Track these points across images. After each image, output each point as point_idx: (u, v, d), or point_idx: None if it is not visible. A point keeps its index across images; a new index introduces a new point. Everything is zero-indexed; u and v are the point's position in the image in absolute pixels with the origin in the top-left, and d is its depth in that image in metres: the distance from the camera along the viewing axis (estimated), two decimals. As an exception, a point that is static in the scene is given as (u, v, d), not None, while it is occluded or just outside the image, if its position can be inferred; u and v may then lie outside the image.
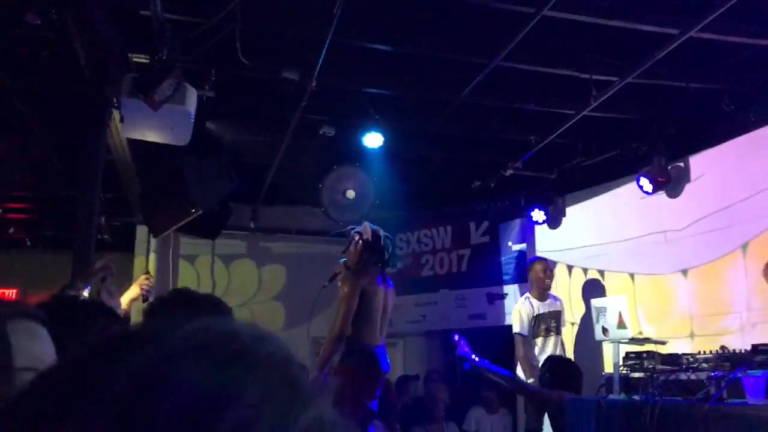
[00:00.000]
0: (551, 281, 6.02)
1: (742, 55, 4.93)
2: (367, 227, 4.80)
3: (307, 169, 7.00)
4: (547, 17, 4.30)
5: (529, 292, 6.02)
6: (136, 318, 4.34)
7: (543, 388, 4.78)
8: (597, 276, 6.73)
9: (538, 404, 4.94)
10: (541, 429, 4.98)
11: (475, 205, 7.86)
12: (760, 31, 4.59)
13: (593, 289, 6.58)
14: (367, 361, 4.16)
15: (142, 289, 3.67)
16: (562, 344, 5.96)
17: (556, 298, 6.14)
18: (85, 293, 3.23)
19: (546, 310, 5.92)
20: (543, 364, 5.33)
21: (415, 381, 7.84)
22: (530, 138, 6.29)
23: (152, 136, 4.60)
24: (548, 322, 5.88)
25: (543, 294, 5.97)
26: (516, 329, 5.78)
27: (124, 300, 3.58)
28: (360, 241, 4.73)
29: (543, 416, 4.76)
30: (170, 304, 2.08)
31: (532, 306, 5.81)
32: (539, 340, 5.78)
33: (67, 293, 2.97)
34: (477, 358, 4.95)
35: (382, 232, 4.82)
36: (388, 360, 4.84)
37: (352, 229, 4.84)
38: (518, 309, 5.85)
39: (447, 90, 5.61)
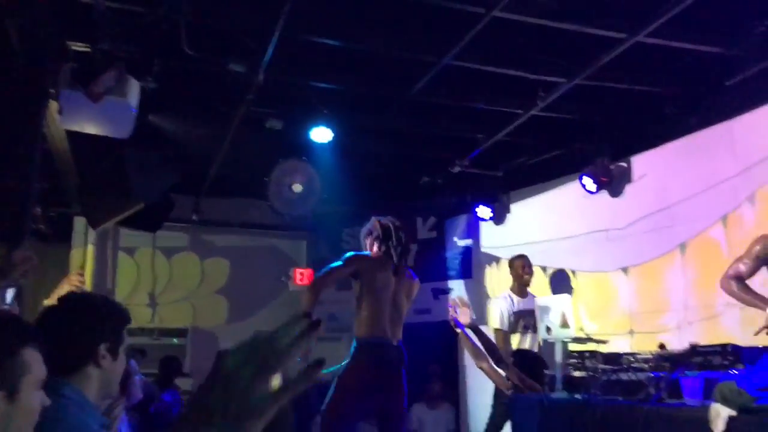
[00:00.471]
0: (530, 278, 5.92)
1: (685, 60, 5.04)
2: (373, 220, 4.69)
3: (253, 162, 6.89)
4: (497, 18, 4.32)
5: (510, 289, 6.00)
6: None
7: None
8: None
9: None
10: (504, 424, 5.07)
11: (422, 200, 7.87)
12: (702, 38, 4.71)
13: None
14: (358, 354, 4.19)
15: (74, 287, 3.51)
16: (539, 342, 5.88)
17: (533, 296, 5.93)
18: (9, 294, 3.09)
19: (525, 307, 5.79)
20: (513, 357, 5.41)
21: None
22: (478, 136, 6.33)
23: (92, 129, 4.43)
24: (527, 320, 5.77)
25: (523, 291, 5.90)
26: (496, 324, 5.69)
27: (54, 299, 3.43)
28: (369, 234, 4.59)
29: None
30: (64, 310, 1.98)
31: (512, 302, 5.73)
32: (516, 337, 5.73)
33: None
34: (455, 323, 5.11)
35: (392, 222, 4.63)
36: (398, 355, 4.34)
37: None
38: (498, 305, 5.79)
39: (397, 86, 5.59)
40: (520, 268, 5.94)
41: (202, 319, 8.16)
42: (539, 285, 6.39)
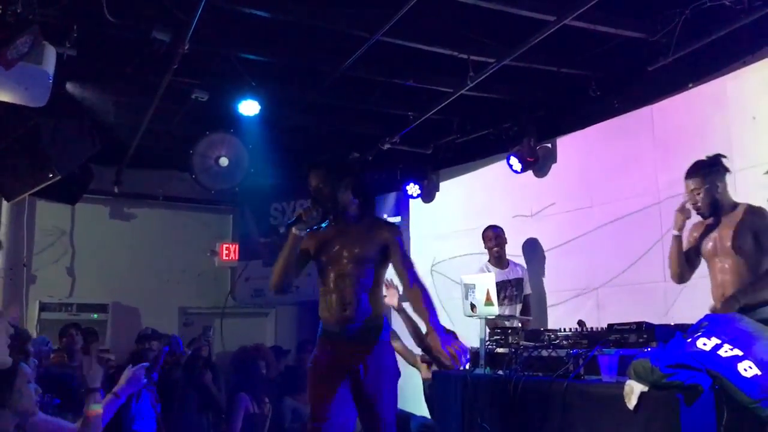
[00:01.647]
0: (500, 248, 5.94)
1: (610, 44, 5.15)
2: None
3: (178, 133, 6.70)
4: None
5: (487, 261, 5.99)
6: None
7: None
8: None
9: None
10: None
11: (351, 177, 7.84)
12: (626, 23, 4.82)
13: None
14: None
15: None
16: (523, 312, 5.82)
17: (516, 265, 6.03)
18: None
19: (505, 278, 5.83)
20: None
21: (285, 355, 7.82)
22: (408, 114, 6.33)
23: (4, 96, 4.19)
24: (507, 290, 5.81)
25: (500, 261, 5.92)
26: None
27: None
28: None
29: None
30: None
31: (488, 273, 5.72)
32: None
33: None
34: None
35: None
36: None
37: None
38: None
39: (327, 61, 5.52)
40: (487, 239, 6.00)
41: (123, 294, 7.93)
42: (467, 263, 6.48)
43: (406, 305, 5.58)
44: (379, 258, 3.50)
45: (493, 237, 5.99)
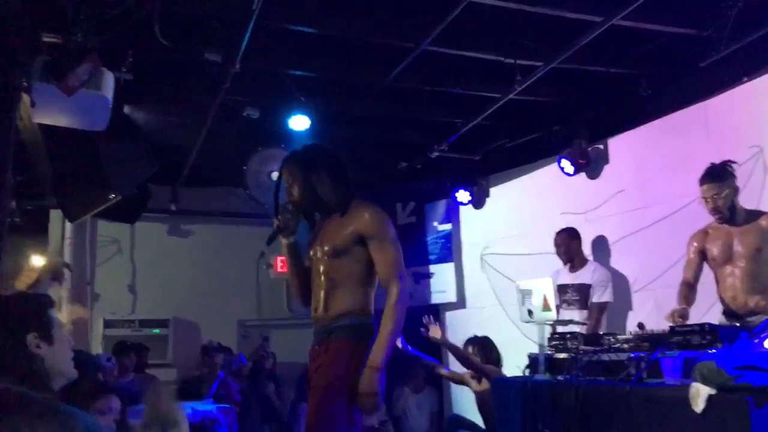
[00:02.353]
0: (563, 252, 5.77)
1: (659, 41, 5.08)
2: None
3: (231, 150, 6.84)
4: (474, 2, 4.32)
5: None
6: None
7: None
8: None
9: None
10: None
11: (401, 186, 7.87)
12: (676, 20, 4.75)
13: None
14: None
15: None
16: (587, 318, 5.49)
17: (593, 271, 5.69)
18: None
19: (569, 281, 5.66)
20: (469, 343, 5.51)
21: None
22: (456, 120, 6.34)
23: (66, 122, 4.37)
24: (566, 294, 5.64)
25: (573, 265, 5.75)
26: None
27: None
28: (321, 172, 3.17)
29: None
30: None
31: (557, 277, 5.58)
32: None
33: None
34: (410, 348, 5.41)
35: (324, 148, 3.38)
36: None
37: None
38: None
39: (373, 73, 5.57)
40: (554, 245, 5.86)
41: (183, 309, 8.11)
42: (520, 269, 6.44)
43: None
44: (353, 249, 3.02)
45: (557, 241, 5.87)
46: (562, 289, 5.58)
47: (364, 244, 3.02)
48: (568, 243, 5.80)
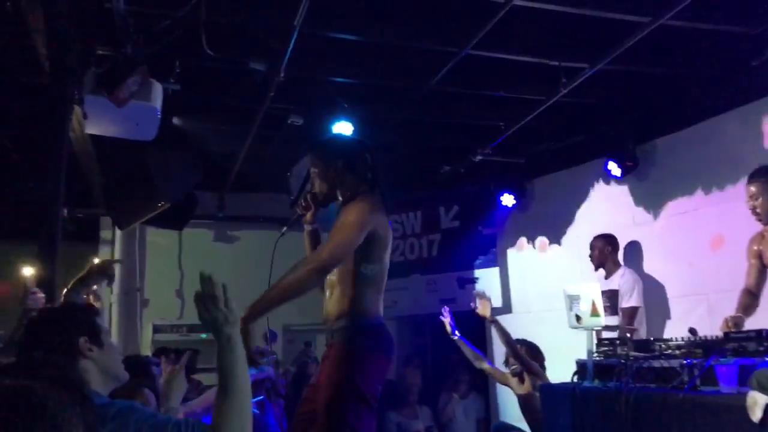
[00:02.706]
0: (596, 258, 5.82)
1: (708, 40, 4.96)
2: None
3: (275, 157, 6.92)
4: (517, 6, 4.29)
5: None
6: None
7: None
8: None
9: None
10: None
11: (444, 190, 7.85)
12: (725, 18, 4.63)
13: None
14: (384, 343, 3.05)
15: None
16: (614, 327, 5.42)
17: (623, 276, 5.69)
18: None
19: (603, 288, 5.40)
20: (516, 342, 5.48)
21: None
22: (499, 124, 6.29)
23: (116, 132, 4.48)
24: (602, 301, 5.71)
25: (606, 272, 5.78)
26: None
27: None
28: (339, 163, 3.13)
29: None
30: (37, 325, 2.21)
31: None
32: None
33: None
34: (457, 334, 5.49)
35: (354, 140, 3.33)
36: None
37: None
38: None
39: (416, 78, 5.57)
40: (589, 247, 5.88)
41: (229, 314, 8.21)
42: (568, 274, 6.36)
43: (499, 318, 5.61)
44: None
45: (592, 245, 5.88)
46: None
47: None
48: (602, 248, 5.82)
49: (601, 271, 5.85)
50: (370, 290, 3.03)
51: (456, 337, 5.59)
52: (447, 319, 5.49)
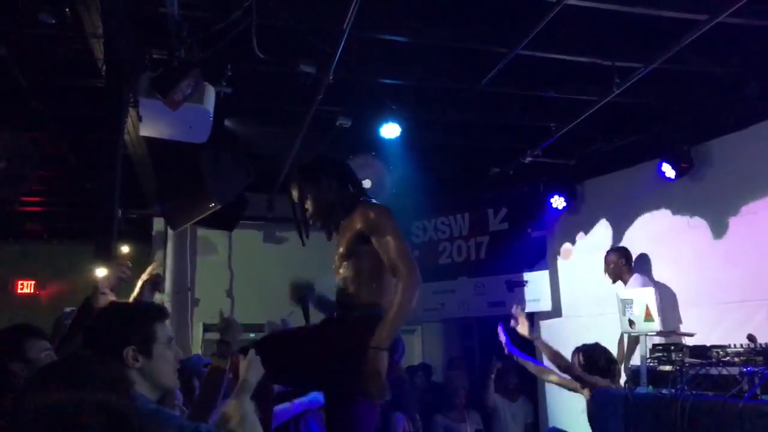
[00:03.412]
0: (610, 270, 5.97)
1: (766, 39, 4.81)
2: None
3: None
4: (570, 5, 4.22)
5: None
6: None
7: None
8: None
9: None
10: None
11: (493, 191, 7.77)
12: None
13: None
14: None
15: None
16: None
17: (635, 280, 5.82)
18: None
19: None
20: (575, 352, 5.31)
21: (422, 371, 7.77)
22: (550, 125, 6.20)
23: (170, 135, 4.56)
24: None
25: (625, 283, 5.88)
26: None
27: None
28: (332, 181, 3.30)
29: None
30: (87, 330, 2.18)
31: None
32: None
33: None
34: (514, 351, 5.26)
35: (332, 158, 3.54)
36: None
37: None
38: None
39: (465, 79, 5.53)
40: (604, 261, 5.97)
41: (278, 314, 8.28)
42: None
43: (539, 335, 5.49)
44: (360, 248, 3.15)
45: (607, 259, 6.03)
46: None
47: (369, 242, 3.10)
48: (616, 262, 5.95)
49: (620, 284, 5.91)
50: (383, 287, 3.16)
51: (516, 356, 5.38)
52: (503, 338, 5.33)
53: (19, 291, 9.49)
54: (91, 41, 4.31)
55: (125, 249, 4.77)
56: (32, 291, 9.54)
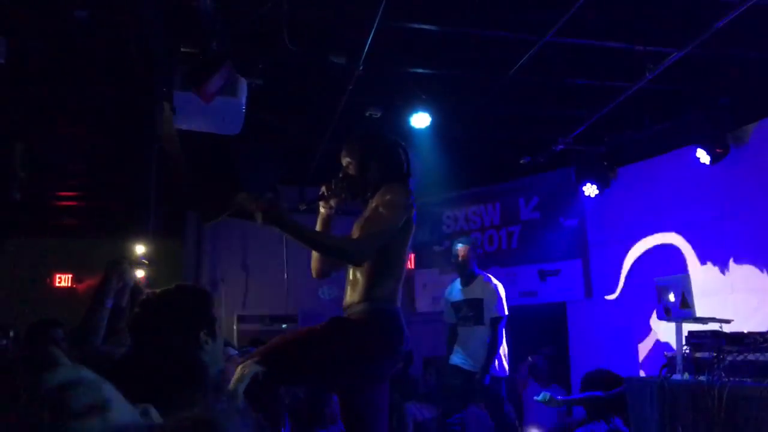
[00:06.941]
0: (455, 262, 5.89)
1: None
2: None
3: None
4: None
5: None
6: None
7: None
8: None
9: None
10: None
11: (524, 180, 7.73)
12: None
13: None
14: (398, 329, 2.92)
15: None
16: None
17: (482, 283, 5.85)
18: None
19: (465, 297, 5.86)
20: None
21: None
22: (581, 112, 6.15)
23: (204, 128, 4.62)
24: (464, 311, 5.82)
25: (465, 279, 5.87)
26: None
27: None
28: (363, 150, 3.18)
29: None
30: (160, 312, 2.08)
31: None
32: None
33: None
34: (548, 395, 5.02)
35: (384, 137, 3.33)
36: None
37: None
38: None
39: (495, 68, 5.51)
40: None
41: (310, 304, 8.36)
42: (652, 266, 6.18)
43: None
44: None
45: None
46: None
47: None
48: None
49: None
50: (393, 281, 2.98)
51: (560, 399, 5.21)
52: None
53: (57, 284, 9.71)
54: (125, 35, 4.37)
55: (141, 249, 4.78)
56: (70, 284, 9.74)
